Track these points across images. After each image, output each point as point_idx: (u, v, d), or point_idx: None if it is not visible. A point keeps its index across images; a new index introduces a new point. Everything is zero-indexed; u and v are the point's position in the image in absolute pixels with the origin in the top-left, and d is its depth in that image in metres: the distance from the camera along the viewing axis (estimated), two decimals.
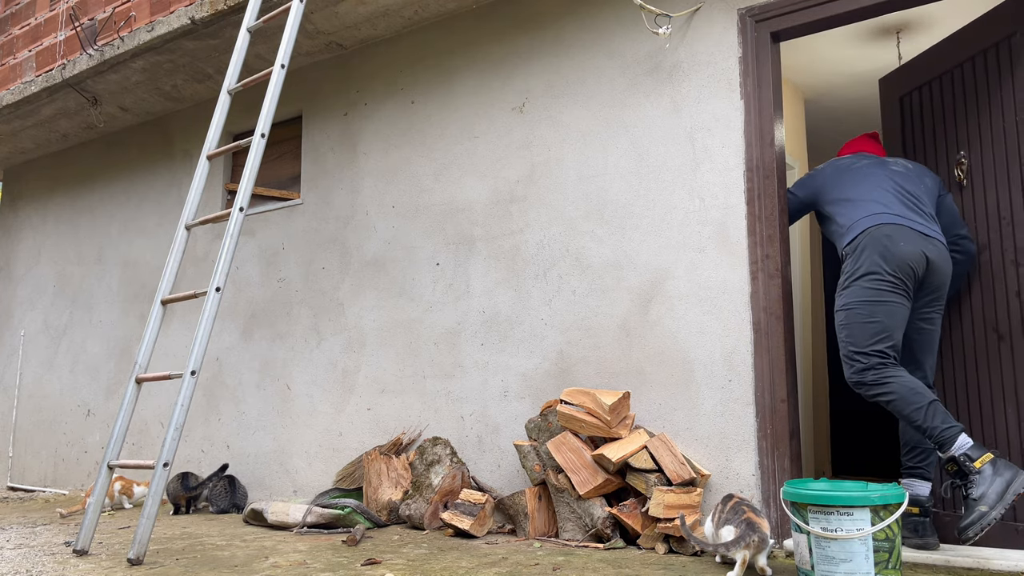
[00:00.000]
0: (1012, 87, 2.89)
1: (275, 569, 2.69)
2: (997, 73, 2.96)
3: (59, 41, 5.08)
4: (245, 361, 4.60)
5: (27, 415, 5.80)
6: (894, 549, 2.23)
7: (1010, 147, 2.88)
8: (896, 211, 2.72)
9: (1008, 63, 2.92)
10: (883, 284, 2.62)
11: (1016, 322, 2.84)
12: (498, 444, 3.62)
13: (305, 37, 4.31)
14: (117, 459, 3.11)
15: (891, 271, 2.63)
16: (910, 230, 2.67)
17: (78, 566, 2.80)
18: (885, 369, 2.56)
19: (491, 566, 2.67)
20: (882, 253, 2.64)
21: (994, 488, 2.27)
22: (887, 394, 2.53)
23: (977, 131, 3.01)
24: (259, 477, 4.41)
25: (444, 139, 4.03)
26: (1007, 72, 2.92)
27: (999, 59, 2.95)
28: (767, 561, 2.46)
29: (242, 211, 3.22)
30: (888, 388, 2.54)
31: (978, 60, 3.06)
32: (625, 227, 3.40)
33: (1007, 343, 2.87)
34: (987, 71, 3.01)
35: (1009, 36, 2.92)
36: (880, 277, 2.64)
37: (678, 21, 3.37)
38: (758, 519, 2.45)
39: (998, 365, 2.89)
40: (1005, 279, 2.89)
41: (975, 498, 2.28)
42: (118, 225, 5.49)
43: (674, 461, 2.96)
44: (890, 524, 2.22)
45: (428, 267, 3.98)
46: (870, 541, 2.21)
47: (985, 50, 3.04)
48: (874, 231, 2.68)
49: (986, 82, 3.02)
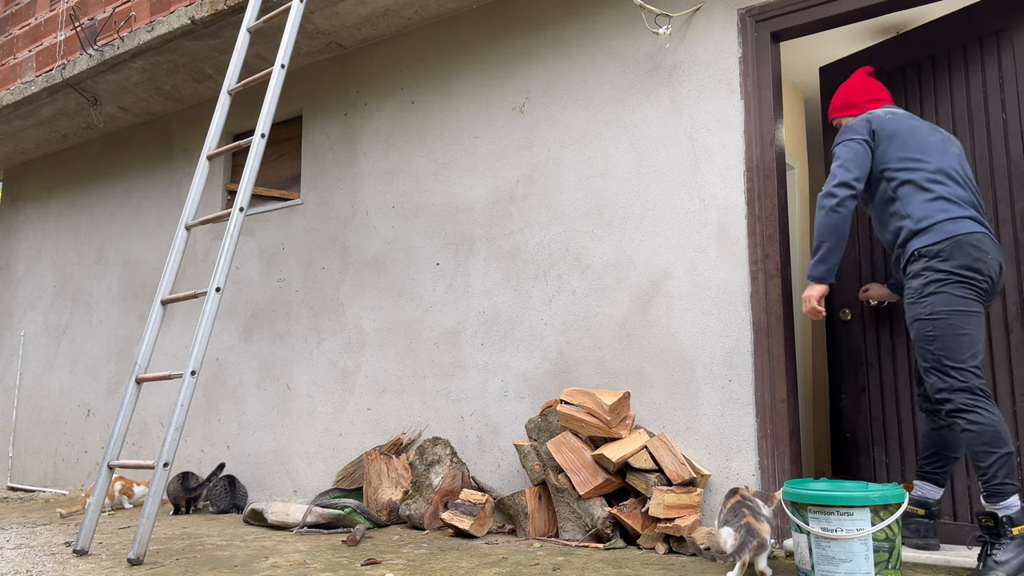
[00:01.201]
0: (982, 82, 2.89)
1: (275, 569, 2.69)
2: (963, 69, 2.97)
3: (59, 41, 5.08)
4: (245, 361, 4.60)
5: (27, 415, 5.80)
6: (894, 549, 2.23)
7: (995, 142, 2.88)
8: (976, 214, 2.53)
9: (984, 57, 2.92)
10: (972, 294, 2.44)
11: (997, 321, 2.84)
12: (498, 444, 3.62)
13: (305, 37, 4.31)
14: (117, 459, 3.11)
15: (981, 282, 2.45)
16: (990, 239, 2.50)
17: (78, 566, 2.80)
18: (982, 399, 2.37)
19: (491, 566, 2.67)
20: (972, 263, 2.44)
21: (1019, 560, 2.23)
22: (972, 424, 2.34)
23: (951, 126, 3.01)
24: (259, 477, 4.41)
25: (444, 139, 4.03)
26: (980, 66, 2.91)
27: (981, 51, 2.95)
28: (767, 563, 2.45)
29: (242, 211, 3.22)
30: (976, 419, 2.34)
31: (939, 57, 3.07)
32: (625, 227, 3.40)
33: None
34: (950, 68, 3.04)
35: (980, 37, 2.95)
36: (971, 287, 2.44)
37: (678, 21, 3.37)
38: (757, 523, 2.44)
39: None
40: None
41: (998, 561, 2.24)
42: (118, 225, 5.49)
43: (674, 461, 2.96)
44: (890, 524, 2.22)
45: (428, 267, 3.98)
46: (870, 541, 2.21)
47: (949, 49, 3.05)
48: (962, 239, 2.46)
49: (947, 80, 3.03)
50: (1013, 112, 2.87)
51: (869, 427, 3.16)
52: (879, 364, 3.16)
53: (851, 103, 2.85)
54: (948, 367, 2.41)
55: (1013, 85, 2.88)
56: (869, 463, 3.14)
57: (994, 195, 2.90)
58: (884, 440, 3.10)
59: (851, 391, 3.22)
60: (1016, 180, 2.85)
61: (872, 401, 3.17)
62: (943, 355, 2.42)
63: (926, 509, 2.71)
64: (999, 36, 2.92)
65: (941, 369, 2.42)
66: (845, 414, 3.24)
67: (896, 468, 3.05)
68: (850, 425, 3.21)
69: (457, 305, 3.85)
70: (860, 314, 3.24)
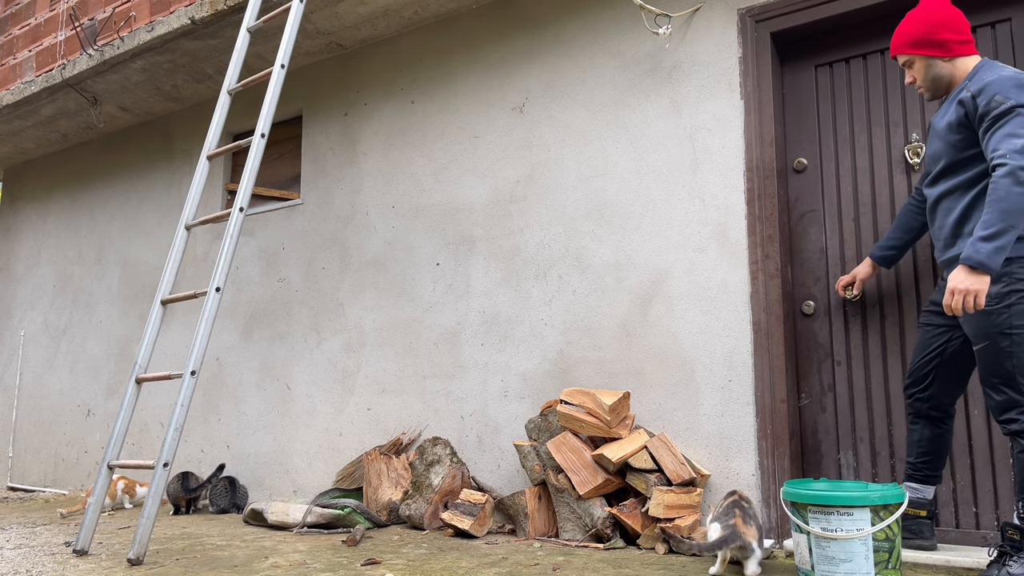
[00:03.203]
0: None
1: (275, 569, 2.69)
2: None
3: (59, 41, 5.08)
4: (245, 361, 4.60)
5: (27, 415, 5.80)
6: (894, 549, 2.23)
7: None
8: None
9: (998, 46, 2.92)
10: None
11: None
12: (498, 444, 3.62)
13: (305, 37, 4.31)
14: (117, 459, 3.11)
15: None
16: None
17: (78, 566, 2.80)
18: None
19: (491, 566, 2.67)
20: None
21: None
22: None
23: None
24: (259, 477, 4.41)
25: (444, 139, 4.03)
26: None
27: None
28: (756, 568, 2.45)
29: (242, 211, 3.22)
30: None
31: None
32: (625, 227, 3.40)
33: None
34: None
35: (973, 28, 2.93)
36: None
37: (678, 21, 3.37)
38: (744, 527, 2.45)
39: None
40: None
41: (1012, 573, 2.22)
42: (118, 225, 5.49)
43: (674, 461, 2.96)
44: (890, 524, 2.22)
45: (428, 267, 3.98)
46: (870, 541, 2.21)
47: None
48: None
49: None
50: None
51: (836, 429, 3.09)
52: (848, 362, 3.10)
53: (966, 39, 2.37)
54: (1021, 385, 2.22)
55: None
56: (835, 467, 3.08)
57: None
58: (853, 443, 3.05)
59: (814, 391, 3.15)
60: None
61: (840, 401, 3.10)
62: (1018, 372, 2.22)
63: (927, 509, 2.70)
64: (995, 28, 2.93)
65: (1013, 386, 2.23)
66: (806, 415, 3.17)
67: (866, 471, 3.02)
68: (812, 427, 3.14)
69: (457, 305, 3.85)
70: (827, 307, 3.17)
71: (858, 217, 3.14)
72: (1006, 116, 2.17)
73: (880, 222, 3.08)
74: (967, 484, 2.85)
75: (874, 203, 3.11)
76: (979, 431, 2.84)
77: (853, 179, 3.16)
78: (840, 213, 3.17)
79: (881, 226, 3.08)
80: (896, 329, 3.02)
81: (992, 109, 2.19)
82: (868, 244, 3.10)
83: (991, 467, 2.80)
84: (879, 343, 3.04)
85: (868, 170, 3.13)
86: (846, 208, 3.17)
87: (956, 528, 2.84)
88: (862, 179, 3.14)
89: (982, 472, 2.82)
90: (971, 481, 2.84)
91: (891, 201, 3.07)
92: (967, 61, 2.39)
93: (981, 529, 2.80)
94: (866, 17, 3.12)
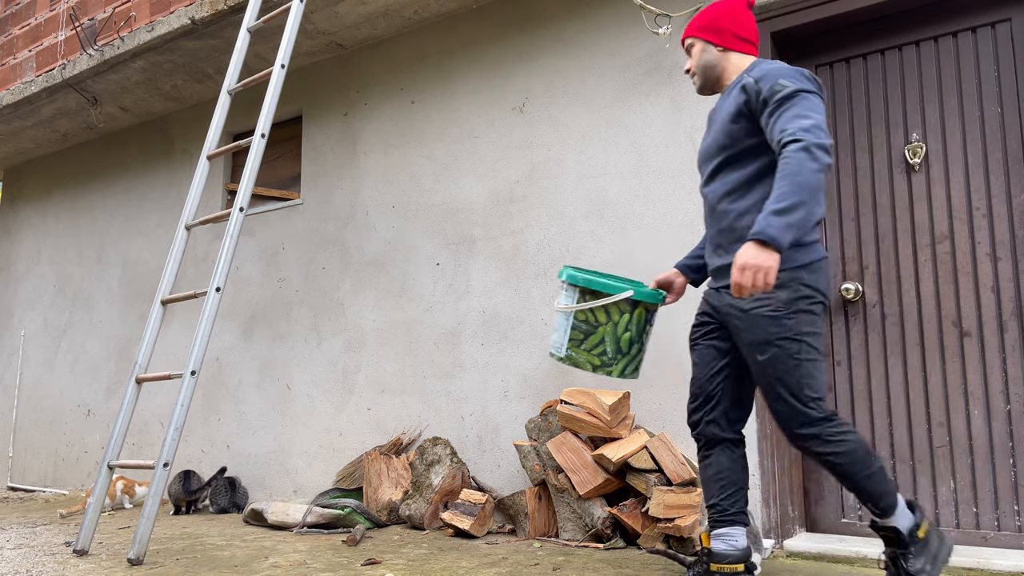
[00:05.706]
0: (978, 77, 2.89)
1: (275, 569, 2.69)
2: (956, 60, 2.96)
3: (59, 41, 5.08)
4: (245, 361, 4.60)
5: (27, 415, 5.80)
6: (593, 336, 2.29)
7: (989, 135, 2.88)
8: None
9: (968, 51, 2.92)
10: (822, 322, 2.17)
11: (990, 318, 2.84)
12: (498, 444, 3.62)
13: (305, 37, 4.31)
14: (117, 459, 3.11)
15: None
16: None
17: (78, 566, 2.80)
18: (839, 421, 2.09)
19: (491, 566, 2.67)
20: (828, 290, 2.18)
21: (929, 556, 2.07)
22: (845, 451, 2.05)
23: (938, 117, 3.00)
24: (259, 477, 4.41)
25: (444, 139, 4.03)
26: (975, 57, 2.92)
27: (958, 45, 2.95)
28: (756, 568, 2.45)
29: (242, 211, 3.22)
30: (846, 446, 2.06)
31: (924, 44, 3.06)
32: (625, 227, 3.40)
33: (974, 340, 2.87)
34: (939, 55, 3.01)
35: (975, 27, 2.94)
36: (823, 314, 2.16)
37: (678, 21, 3.37)
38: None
39: (961, 364, 2.88)
40: (977, 273, 2.88)
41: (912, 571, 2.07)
42: (118, 225, 5.49)
43: (674, 461, 2.96)
44: (595, 312, 2.27)
45: (428, 267, 3.98)
46: (571, 319, 2.30)
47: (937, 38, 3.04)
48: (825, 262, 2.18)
49: (935, 68, 3.01)
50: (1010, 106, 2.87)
51: None
52: (848, 362, 3.13)
53: (748, 39, 2.33)
54: (810, 398, 2.07)
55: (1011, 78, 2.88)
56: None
57: (988, 190, 2.90)
58: None
59: None
60: (1014, 175, 2.85)
61: (840, 401, 3.15)
62: (807, 384, 2.06)
63: (744, 563, 2.22)
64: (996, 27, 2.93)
65: (798, 396, 2.07)
66: None
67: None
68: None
69: (457, 305, 3.85)
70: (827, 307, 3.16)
71: (858, 217, 3.14)
72: (791, 99, 2.05)
73: (880, 222, 3.08)
74: (967, 484, 2.85)
75: (874, 203, 3.11)
76: (979, 431, 2.84)
77: (853, 179, 3.16)
78: (840, 213, 3.17)
79: (881, 226, 3.08)
80: (896, 329, 3.02)
81: (776, 92, 2.07)
82: (868, 244, 3.10)
83: (991, 467, 2.80)
84: (879, 343, 3.05)
85: (868, 170, 3.14)
86: (846, 208, 3.17)
87: (956, 528, 2.84)
88: (862, 179, 3.15)
89: (982, 472, 2.82)
90: (971, 481, 2.84)
91: (891, 201, 3.07)
92: (742, 59, 2.30)
93: (981, 529, 2.80)
94: (866, 17, 3.12)
